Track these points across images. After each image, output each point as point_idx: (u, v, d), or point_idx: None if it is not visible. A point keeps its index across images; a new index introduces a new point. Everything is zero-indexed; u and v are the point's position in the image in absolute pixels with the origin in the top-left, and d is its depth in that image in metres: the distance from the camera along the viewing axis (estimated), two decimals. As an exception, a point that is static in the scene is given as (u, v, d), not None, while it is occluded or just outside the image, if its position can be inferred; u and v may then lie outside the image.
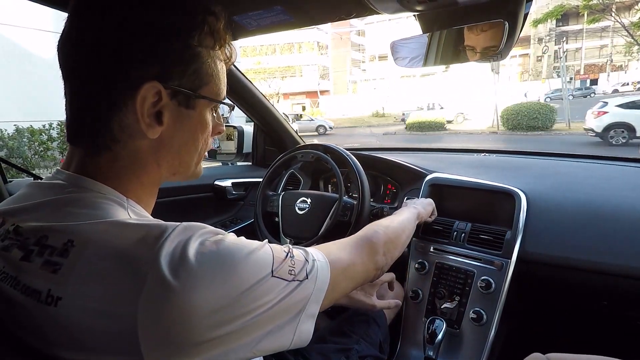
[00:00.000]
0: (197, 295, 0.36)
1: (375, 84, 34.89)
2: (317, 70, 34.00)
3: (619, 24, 12.38)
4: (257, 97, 1.50)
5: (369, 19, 30.51)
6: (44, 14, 6.92)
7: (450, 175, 1.23)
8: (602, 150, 8.71)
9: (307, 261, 0.48)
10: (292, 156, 1.24)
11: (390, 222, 0.78)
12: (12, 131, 6.95)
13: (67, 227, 0.40)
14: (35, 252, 0.40)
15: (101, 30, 0.43)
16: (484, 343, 0.99)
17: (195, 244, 0.39)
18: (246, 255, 0.41)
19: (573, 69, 32.16)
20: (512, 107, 13.15)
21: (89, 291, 0.37)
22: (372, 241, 0.66)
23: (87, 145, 0.46)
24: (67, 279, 0.38)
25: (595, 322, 1.16)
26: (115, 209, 0.44)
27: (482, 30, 0.81)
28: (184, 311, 0.35)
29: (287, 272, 0.44)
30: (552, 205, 1.06)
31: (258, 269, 0.41)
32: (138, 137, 0.46)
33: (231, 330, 0.38)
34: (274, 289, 0.42)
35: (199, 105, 0.49)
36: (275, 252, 0.45)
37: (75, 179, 0.46)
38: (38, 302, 0.38)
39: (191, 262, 0.37)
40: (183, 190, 1.46)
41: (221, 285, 0.38)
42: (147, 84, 0.43)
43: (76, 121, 0.46)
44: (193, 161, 0.53)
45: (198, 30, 0.46)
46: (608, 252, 0.93)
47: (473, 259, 1.07)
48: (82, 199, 0.44)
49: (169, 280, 0.35)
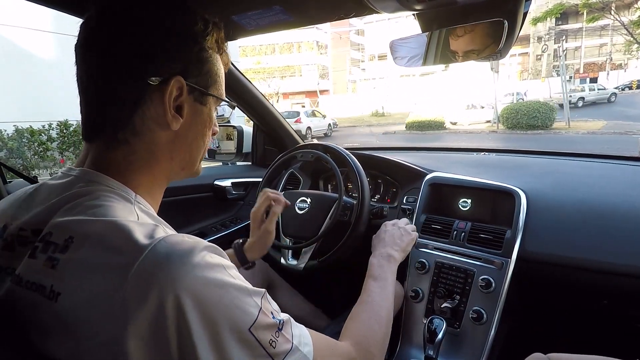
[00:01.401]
0: (172, 306, 0.37)
1: (375, 83, 34.84)
2: (316, 69, 33.98)
3: (618, 23, 12.38)
4: (256, 97, 1.50)
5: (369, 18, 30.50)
6: (44, 14, 6.91)
7: (450, 175, 1.23)
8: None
9: (291, 347, 0.45)
10: (292, 156, 1.24)
11: (378, 325, 0.71)
12: (12, 132, 6.95)
13: (70, 223, 0.42)
14: (39, 249, 0.42)
15: (133, 35, 0.47)
16: (484, 342, 0.99)
17: (192, 251, 0.40)
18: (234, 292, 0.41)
19: (573, 67, 32.16)
20: (511, 105, 13.18)
21: (83, 286, 0.38)
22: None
23: (106, 140, 0.49)
24: (64, 274, 0.39)
25: (595, 321, 1.16)
26: (122, 205, 0.45)
27: (465, 32, 0.81)
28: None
29: (267, 339, 0.42)
30: (552, 204, 1.06)
31: (238, 314, 0.41)
32: (158, 130, 0.49)
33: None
34: (244, 347, 0.40)
35: (209, 102, 0.54)
36: (264, 307, 0.44)
37: (86, 174, 0.48)
38: (44, 297, 0.39)
39: (176, 262, 0.38)
40: (183, 190, 1.46)
41: (197, 307, 0.38)
42: (175, 78, 0.48)
43: (98, 117, 0.49)
44: (199, 157, 0.56)
45: (210, 35, 0.52)
46: (608, 251, 0.93)
47: (473, 258, 1.07)
48: (89, 193, 0.45)
49: (153, 272, 0.37)
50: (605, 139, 10.58)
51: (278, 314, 0.46)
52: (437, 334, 0.91)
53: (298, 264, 1.10)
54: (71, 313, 0.38)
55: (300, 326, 0.50)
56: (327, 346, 0.55)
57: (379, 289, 0.80)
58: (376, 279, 0.83)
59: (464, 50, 0.84)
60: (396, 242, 0.95)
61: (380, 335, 0.70)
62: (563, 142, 10.83)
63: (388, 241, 0.95)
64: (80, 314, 0.38)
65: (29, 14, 7.15)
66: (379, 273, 0.84)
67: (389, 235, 0.97)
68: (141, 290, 0.36)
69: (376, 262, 0.88)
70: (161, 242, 0.39)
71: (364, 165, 1.14)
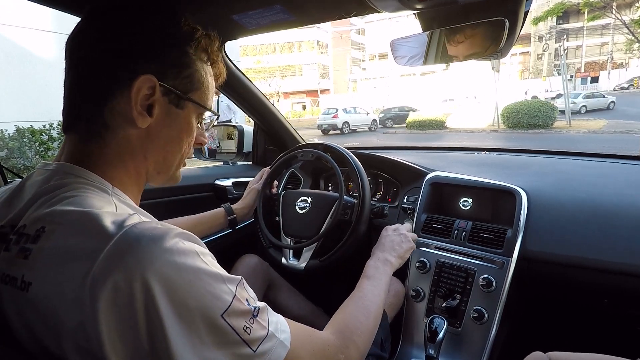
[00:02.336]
0: (143, 290, 0.36)
1: (376, 82, 34.83)
2: (317, 69, 33.98)
3: (619, 22, 12.33)
4: (257, 96, 1.50)
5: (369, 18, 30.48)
6: (45, 14, 6.92)
7: (451, 174, 1.23)
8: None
9: (267, 334, 0.45)
10: (293, 155, 1.24)
11: (365, 317, 0.69)
12: (13, 131, 6.95)
13: (43, 215, 0.42)
14: (13, 241, 0.42)
15: (113, 33, 0.49)
16: (485, 341, 0.99)
17: (164, 237, 0.40)
18: (207, 278, 0.41)
19: (574, 66, 32.11)
20: (512, 105, 13.13)
21: (52, 274, 0.38)
22: (343, 351, 0.59)
23: (81, 132, 0.50)
24: (35, 264, 0.40)
25: (596, 320, 1.16)
26: (98, 196, 0.46)
27: (465, 37, 0.82)
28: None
29: (240, 325, 0.42)
30: (553, 203, 1.06)
31: (210, 299, 0.40)
32: (128, 126, 0.50)
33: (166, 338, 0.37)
34: (216, 332, 0.40)
35: (188, 107, 0.54)
36: (238, 294, 0.43)
37: (62, 167, 0.49)
38: (16, 288, 0.40)
39: (146, 246, 0.38)
40: (183, 189, 1.46)
41: (169, 292, 0.38)
42: (143, 76, 0.48)
43: (74, 109, 0.51)
44: (175, 162, 0.57)
45: (194, 43, 0.53)
46: (609, 250, 0.93)
47: (474, 258, 1.07)
48: (65, 185, 0.46)
49: (122, 256, 0.37)
50: (606, 138, 10.56)
51: (254, 301, 0.46)
52: (438, 333, 0.91)
53: (299, 263, 1.10)
54: (43, 301, 0.38)
55: (277, 315, 0.50)
56: (305, 333, 0.54)
57: (371, 287, 0.80)
58: (369, 279, 0.83)
59: (465, 55, 0.84)
60: (395, 249, 0.95)
61: (366, 327, 0.68)
62: (564, 141, 10.81)
63: (387, 247, 0.95)
64: (51, 302, 0.38)
65: (29, 14, 7.15)
66: (373, 273, 0.85)
67: (388, 241, 0.97)
68: (109, 274, 0.36)
69: (372, 264, 0.88)
70: (132, 228, 0.39)
71: (364, 164, 1.14)
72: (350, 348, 0.60)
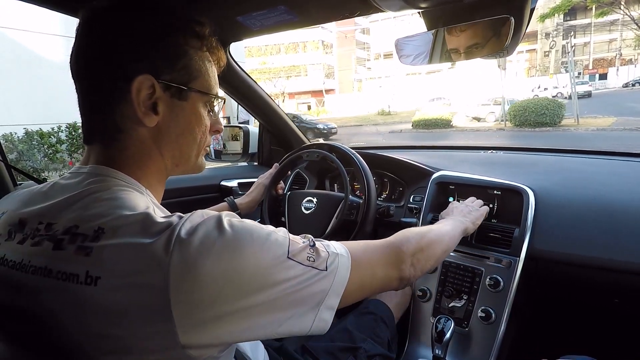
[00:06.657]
0: (215, 265, 0.40)
1: (381, 82, 34.71)
2: (322, 69, 33.95)
3: (628, 17, 12.19)
4: (262, 97, 1.51)
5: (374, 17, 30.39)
6: (53, 18, 7.01)
7: (457, 173, 1.22)
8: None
9: (329, 254, 0.50)
10: (298, 156, 1.24)
11: (427, 231, 0.72)
12: (22, 134, 7.05)
13: (96, 216, 0.44)
14: (66, 241, 0.43)
15: (97, 40, 0.50)
16: (493, 342, 0.99)
17: (215, 220, 0.44)
18: (262, 235, 0.45)
19: (582, 63, 31.75)
20: (519, 103, 13.01)
21: (121, 269, 0.40)
22: (400, 249, 0.61)
23: (101, 141, 0.52)
24: (101, 260, 0.41)
25: (606, 320, 1.14)
26: (138, 196, 0.48)
27: (461, 30, 0.81)
28: (204, 278, 0.39)
29: (305, 257, 0.47)
30: (560, 202, 1.05)
31: (274, 249, 0.45)
32: (139, 127, 0.51)
33: (253, 304, 0.42)
34: (291, 271, 0.45)
35: (192, 98, 0.54)
36: (292, 237, 0.48)
37: (94, 169, 0.51)
38: (77, 283, 0.41)
39: (212, 234, 0.42)
40: (190, 190, 1.48)
41: (237, 258, 0.42)
42: (139, 76, 0.49)
43: (89, 121, 0.53)
44: (193, 153, 0.57)
45: (183, 32, 0.52)
46: (618, 249, 0.92)
47: (481, 257, 1.06)
48: (104, 189, 0.48)
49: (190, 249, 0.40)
50: (615, 135, 10.42)
51: (305, 237, 0.51)
52: (445, 333, 0.90)
53: (305, 263, 1.10)
54: (113, 296, 0.40)
55: (329, 241, 0.54)
56: (361, 244, 0.58)
57: (443, 225, 0.82)
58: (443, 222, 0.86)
59: (466, 46, 0.83)
60: (466, 215, 0.94)
61: (435, 243, 0.70)
62: (572, 139, 10.68)
63: (456, 214, 0.96)
64: (123, 295, 0.39)
65: (38, 18, 7.25)
66: (447, 221, 0.88)
67: (457, 211, 0.98)
68: (183, 261, 0.39)
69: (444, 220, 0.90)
70: (189, 218, 0.43)
71: (370, 164, 1.14)
72: (412, 258, 0.62)
